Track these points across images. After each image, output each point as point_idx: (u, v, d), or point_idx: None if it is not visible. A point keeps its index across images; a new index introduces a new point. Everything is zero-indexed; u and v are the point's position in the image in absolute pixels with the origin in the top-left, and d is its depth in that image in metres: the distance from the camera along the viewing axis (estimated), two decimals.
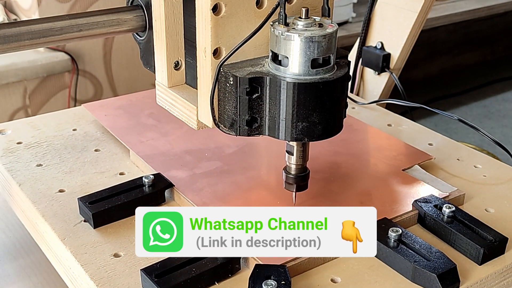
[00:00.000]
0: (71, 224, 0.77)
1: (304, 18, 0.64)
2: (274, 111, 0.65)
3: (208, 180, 0.83)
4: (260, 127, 0.67)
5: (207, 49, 0.66)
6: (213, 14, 0.64)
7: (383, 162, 0.88)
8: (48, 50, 1.80)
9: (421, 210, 0.77)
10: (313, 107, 0.64)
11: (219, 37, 0.66)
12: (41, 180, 0.85)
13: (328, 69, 0.65)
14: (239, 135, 0.67)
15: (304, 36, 0.62)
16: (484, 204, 0.82)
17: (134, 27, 0.79)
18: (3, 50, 0.74)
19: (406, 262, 0.68)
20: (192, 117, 0.73)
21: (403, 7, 1.16)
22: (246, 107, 0.65)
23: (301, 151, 0.72)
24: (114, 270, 0.69)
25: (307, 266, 0.70)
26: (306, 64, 0.63)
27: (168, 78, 0.76)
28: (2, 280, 0.87)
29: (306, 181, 0.75)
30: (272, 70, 0.65)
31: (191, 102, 0.73)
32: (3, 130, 0.99)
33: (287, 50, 0.63)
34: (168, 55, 0.75)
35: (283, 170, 0.74)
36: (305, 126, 0.65)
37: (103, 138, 0.96)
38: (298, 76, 0.63)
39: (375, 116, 1.06)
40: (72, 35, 0.76)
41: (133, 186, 0.81)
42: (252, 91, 0.65)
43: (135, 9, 0.79)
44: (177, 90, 0.76)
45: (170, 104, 0.77)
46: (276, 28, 0.63)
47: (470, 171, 0.90)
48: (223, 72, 0.66)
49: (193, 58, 0.73)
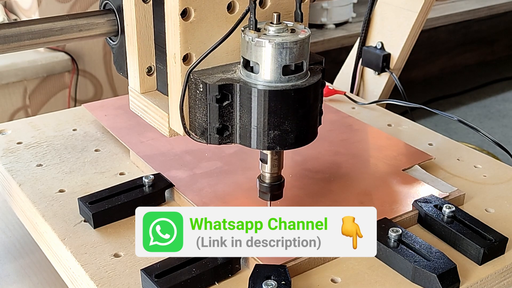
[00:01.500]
0: (71, 224, 0.77)
1: (275, 24, 0.62)
2: (245, 119, 0.63)
3: (208, 180, 0.83)
4: (231, 135, 0.65)
5: (177, 55, 0.65)
6: (182, 19, 0.63)
7: (383, 162, 0.88)
8: (48, 50, 1.81)
9: (421, 210, 0.77)
10: (285, 115, 0.62)
11: (188, 43, 0.64)
12: (41, 180, 0.85)
13: (301, 75, 0.63)
14: (210, 144, 0.66)
15: (275, 42, 0.60)
16: (484, 204, 0.82)
17: (106, 31, 0.78)
18: (3, 50, 0.74)
19: (406, 262, 0.68)
20: (164, 124, 0.72)
21: (403, 7, 1.16)
22: (216, 115, 0.64)
23: (275, 160, 0.70)
24: (114, 270, 0.69)
25: (307, 266, 0.70)
26: (278, 71, 0.61)
27: (141, 84, 0.75)
28: (2, 280, 0.87)
29: (281, 189, 0.72)
30: (243, 77, 0.63)
31: (163, 108, 0.72)
32: (3, 130, 0.99)
33: (258, 57, 0.61)
34: (140, 60, 0.74)
35: (257, 179, 0.72)
36: (277, 134, 0.63)
37: (103, 138, 0.96)
38: (269, 83, 0.62)
39: (375, 116, 1.06)
40: (42, 40, 0.75)
41: (133, 186, 0.81)
42: (222, 98, 0.63)
43: (107, 13, 0.78)
44: (150, 96, 0.75)
45: (143, 110, 0.76)
46: (246, 34, 0.62)
47: (470, 171, 0.90)
48: (193, 78, 0.64)
49: (164, 64, 0.72)
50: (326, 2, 2.31)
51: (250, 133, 0.64)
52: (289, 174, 0.85)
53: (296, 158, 0.88)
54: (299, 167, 0.86)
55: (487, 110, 2.73)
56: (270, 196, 0.72)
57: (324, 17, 2.34)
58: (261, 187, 0.72)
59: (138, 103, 0.77)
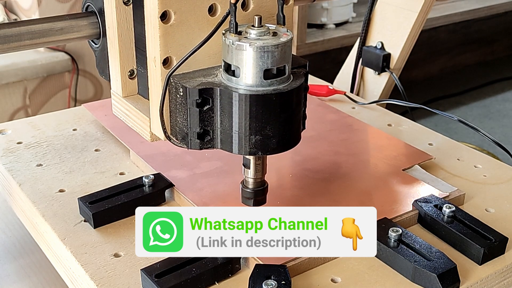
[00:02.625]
0: (71, 224, 0.77)
1: (257, 27, 0.61)
2: (227, 124, 0.62)
3: (208, 180, 0.83)
4: (212, 140, 0.64)
5: (157, 58, 0.64)
6: (162, 22, 0.62)
7: (383, 162, 0.88)
8: (48, 50, 1.81)
9: (421, 210, 0.77)
10: (266, 120, 0.61)
11: (168, 46, 0.63)
12: (41, 180, 0.85)
13: (283, 79, 0.62)
14: (191, 149, 0.65)
15: (256, 46, 0.59)
16: (484, 204, 0.82)
17: (88, 34, 0.77)
18: (3, 50, 0.74)
19: (406, 262, 0.68)
20: (145, 128, 0.71)
21: (403, 7, 1.16)
22: (197, 120, 0.63)
23: (258, 165, 0.69)
24: (114, 270, 0.69)
25: (307, 266, 0.70)
26: (259, 75, 0.60)
27: (123, 88, 0.74)
28: (2, 280, 0.87)
29: (264, 195, 0.71)
30: (224, 81, 0.62)
31: (144, 113, 0.71)
32: (3, 130, 0.99)
33: (238, 60, 0.60)
34: (122, 63, 0.73)
35: (240, 184, 0.71)
36: (259, 139, 0.62)
37: (103, 138, 0.96)
38: (250, 88, 0.60)
39: (375, 116, 1.06)
40: (24, 43, 0.75)
41: (133, 186, 0.81)
42: (203, 102, 0.62)
43: (89, 16, 0.77)
44: (132, 100, 0.74)
45: (125, 114, 0.75)
46: (227, 37, 0.61)
47: (470, 171, 0.90)
48: (173, 82, 0.64)
49: (144, 68, 0.71)
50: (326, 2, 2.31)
51: (231, 138, 0.63)
52: (289, 174, 0.85)
53: (296, 158, 0.89)
54: (299, 167, 0.86)
55: (487, 110, 2.72)
56: (253, 202, 0.70)
57: (324, 17, 2.34)
58: (244, 192, 0.70)
59: (120, 107, 0.76)
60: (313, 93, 1.10)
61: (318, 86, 1.11)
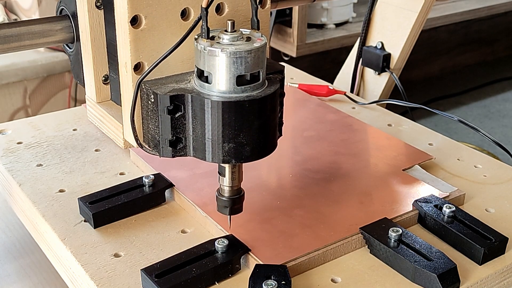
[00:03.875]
0: (71, 224, 0.77)
1: (230, 32, 0.59)
2: (199, 131, 0.61)
3: (208, 180, 0.83)
4: (185, 148, 0.63)
5: (128, 64, 0.62)
6: (132, 27, 0.61)
7: (383, 162, 0.88)
8: (48, 50, 1.81)
9: (421, 210, 0.77)
10: (239, 127, 0.59)
11: (139, 52, 0.62)
12: (41, 180, 0.85)
13: (257, 86, 0.60)
14: (163, 156, 0.63)
15: (228, 51, 0.57)
16: (484, 204, 0.82)
17: (62, 38, 0.76)
18: (3, 50, 0.74)
19: (407, 262, 0.68)
20: (119, 135, 0.70)
21: (403, 7, 1.16)
22: (168, 127, 0.61)
23: (233, 172, 0.67)
24: (114, 270, 0.69)
25: (307, 266, 0.70)
26: (231, 81, 0.59)
27: (97, 93, 0.73)
28: (2, 280, 0.87)
29: (240, 203, 0.69)
30: (197, 87, 0.61)
31: (118, 119, 0.70)
32: (4, 130, 0.99)
33: (210, 66, 0.59)
34: (96, 68, 0.72)
35: (216, 192, 0.69)
36: (232, 147, 0.60)
37: (104, 138, 0.96)
38: (223, 94, 0.59)
39: (375, 116, 1.06)
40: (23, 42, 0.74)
41: (133, 186, 0.81)
42: (174, 109, 0.61)
43: (63, 20, 0.76)
44: (106, 106, 0.73)
45: (99, 120, 0.74)
46: (199, 43, 0.59)
47: (471, 171, 0.90)
48: (144, 88, 0.62)
49: (116, 73, 0.69)
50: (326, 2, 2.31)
51: (204, 145, 0.61)
52: (289, 174, 0.85)
53: (296, 158, 0.89)
54: (299, 167, 0.86)
55: (487, 110, 2.72)
56: (230, 210, 0.69)
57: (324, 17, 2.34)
58: (220, 201, 0.69)
59: (94, 112, 0.75)
60: (313, 93, 1.10)
61: (318, 86, 1.11)
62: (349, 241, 0.72)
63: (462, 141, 1.08)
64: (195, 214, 0.78)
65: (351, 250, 0.73)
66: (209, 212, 0.76)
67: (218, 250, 0.69)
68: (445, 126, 2.48)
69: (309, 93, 1.10)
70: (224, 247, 0.69)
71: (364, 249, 0.73)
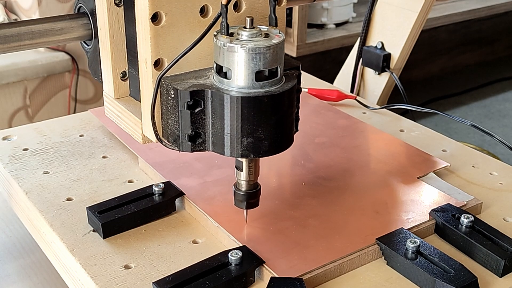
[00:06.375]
0: (79, 234, 0.75)
1: (249, 28, 0.61)
2: (218, 126, 0.62)
3: (219, 188, 0.81)
4: (204, 143, 0.64)
5: (148, 60, 0.63)
6: (153, 23, 0.62)
7: (397, 169, 0.86)
8: (48, 50, 1.80)
9: (438, 220, 0.75)
10: (258, 122, 0.61)
11: (159, 48, 0.63)
12: (48, 188, 0.83)
13: (275, 81, 0.62)
14: (182, 151, 0.65)
15: (248, 48, 0.59)
16: (502, 213, 0.80)
17: (80, 35, 0.77)
18: (4, 50, 0.74)
19: (426, 275, 0.67)
20: (137, 130, 0.71)
21: (403, 7, 1.15)
22: (188, 122, 0.62)
23: (250, 167, 0.69)
24: (125, 283, 0.67)
25: (323, 279, 0.68)
26: (250, 76, 0.60)
27: (115, 89, 0.74)
28: (2, 280, 0.86)
29: (257, 197, 0.71)
30: (216, 83, 0.62)
31: (136, 115, 0.70)
32: (9, 136, 0.97)
33: (230, 62, 0.60)
34: (114, 65, 0.73)
35: (233, 186, 0.71)
36: (251, 141, 0.62)
37: (111, 145, 0.94)
38: (242, 90, 0.60)
39: (387, 121, 1.04)
40: (23, 42, 0.74)
41: (143, 194, 0.79)
42: (194, 105, 0.62)
43: (81, 17, 0.77)
44: (124, 102, 0.74)
45: (117, 116, 0.74)
46: (218, 39, 0.60)
47: (486, 178, 0.88)
48: (164, 84, 0.63)
49: (136, 69, 0.71)
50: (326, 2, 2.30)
51: (223, 140, 0.63)
52: (302, 182, 0.83)
53: (308, 166, 0.87)
54: (312, 175, 0.85)
55: (488, 110, 2.72)
56: (246, 205, 0.71)
57: (324, 17, 2.33)
58: (237, 195, 0.71)
59: (112, 108, 0.75)
60: (323, 97, 1.08)
61: (328, 91, 1.09)
62: (366, 253, 0.71)
63: (462, 141, 1.07)
64: (207, 224, 0.76)
65: (367, 262, 0.71)
66: (221, 222, 0.74)
67: (232, 262, 0.68)
68: (446, 126, 2.47)
69: (318, 98, 1.08)
70: (237, 259, 0.68)
71: (380, 261, 0.71)
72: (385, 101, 1.21)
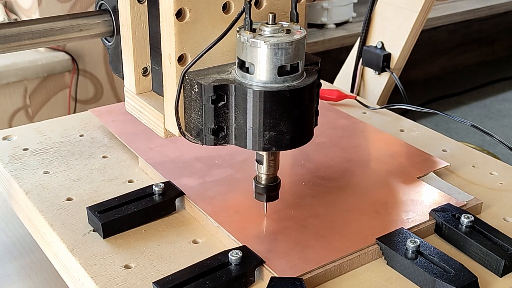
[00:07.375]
0: (80, 234, 0.75)
1: (271, 24, 0.62)
2: (241, 120, 0.63)
3: (219, 188, 0.81)
4: (226, 136, 0.65)
5: (172, 55, 0.64)
6: (177, 19, 0.63)
7: (397, 169, 0.87)
8: (48, 50, 1.80)
9: (438, 220, 0.75)
10: (280, 116, 0.62)
11: (183, 43, 0.64)
12: (48, 188, 0.83)
13: (296, 76, 0.63)
14: (205, 145, 0.66)
15: (270, 43, 0.60)
16: (502, 213, 0.80)
17: (101, 32, 0.78)
18: (4, 50, 0.74)
19: (426, 275, 0.66)
20: (159, 125, 0.71)
21: (403, 7, 1.16)
22: (211, 116, 0.63)
23: (271, 160, 0.70)
24: (125, 282, 0.67)
25: (323, 279, 0.68)
26: (273, 71, 0.61)
27: (136, 85, 0.75)
28: (2, 280, 0.86)
29: (276, 191, 0.73)
30: (238, 78, 0.63)
31: (158, 109, 0.71)
32: (9, 136, 0.97)
33: (253, 57, 0.61)
34: (136, 61, 0.74)
35: (253, 180, 0.73)
36: (273, 135, 0.63)
37: (111, 145, 0.94)
38: (264, 84, 0.61)
39: (387, 121, 1.04)
40: (24, 42, 0.75)
41: (143, 194, 0.79)
42: (217, 99, 0.63)
43: (103, 14, 0.78)
44: (145, 97, 0.75)
45: (139, 111, 0.75)
46: (242, 35, 0.61)
47: (487, 178, 0.88)
48: (188, 79, 0.64)
49: (159, 65, 0.72)
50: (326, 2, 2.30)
51: (245, 134, 0.64)
52: (302, 182, 0.83)
53: (308, 166, 0.87)
54: (312, 175, 0.85)
55: (488, 110, 2.72)
56: (266, 198, 0.73)
57: (325, 17, 2.33)
58: (257, 188, 0.72)
59: (134, 104, 0.76)
60: (323, 97, 1.08)
61: (328, 91, 1.09)
62: (366, 252, 0.71)
63: (462, 141, 1.07)
64: (207, 224, 0.76)
65: (367, 262, 0.71)
66: (221, 221, 0.74)
67: (232, 262, 0.68)
68: (446, 126, 2.47)
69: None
70: (238, 259, 0.68)
71: (380, 260, 0.71)
72: (385, 101, 1.21)
